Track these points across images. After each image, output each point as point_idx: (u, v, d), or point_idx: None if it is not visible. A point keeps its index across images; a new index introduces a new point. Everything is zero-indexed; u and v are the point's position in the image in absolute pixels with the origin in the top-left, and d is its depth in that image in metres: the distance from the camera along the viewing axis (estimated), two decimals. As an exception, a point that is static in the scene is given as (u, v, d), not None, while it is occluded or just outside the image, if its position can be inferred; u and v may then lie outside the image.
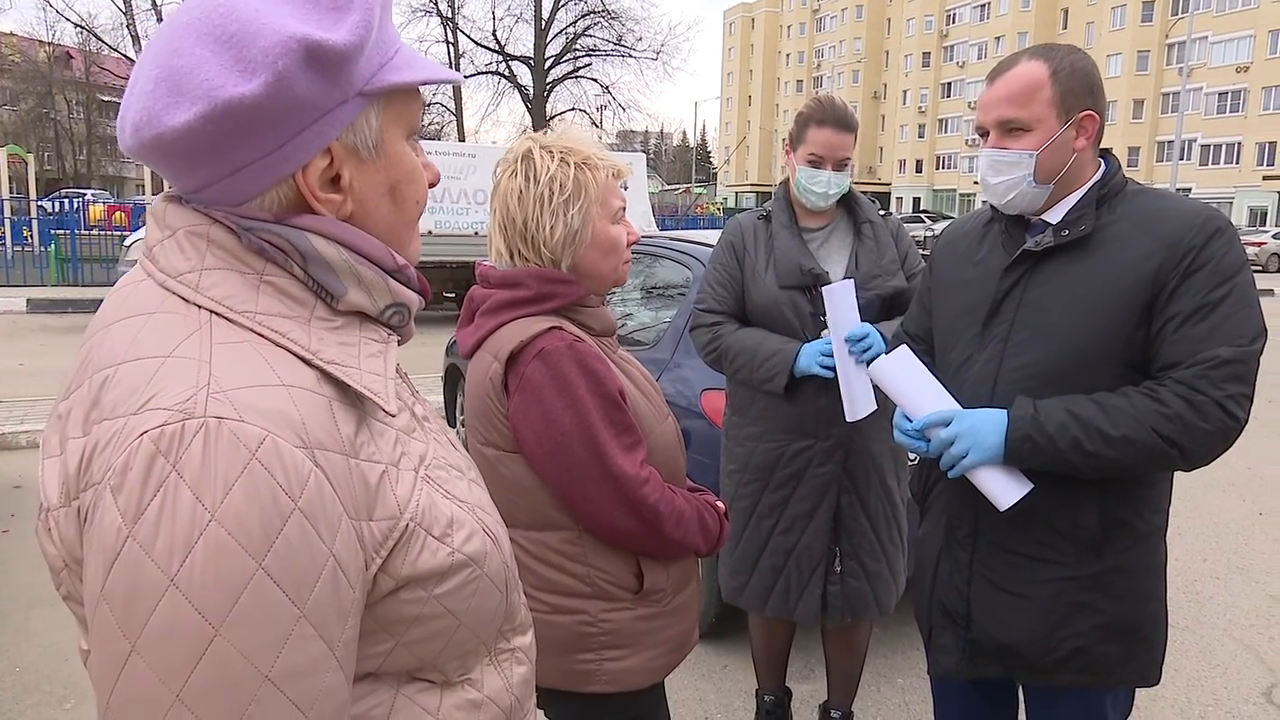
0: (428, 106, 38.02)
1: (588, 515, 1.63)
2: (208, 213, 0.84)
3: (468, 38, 38.11)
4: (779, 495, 2.66)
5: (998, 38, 68.21)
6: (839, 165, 2.60)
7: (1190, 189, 49.76)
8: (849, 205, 2.75)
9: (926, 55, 77.88)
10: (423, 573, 0.85)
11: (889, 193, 78.81)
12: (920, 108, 78.38)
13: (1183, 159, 46.92)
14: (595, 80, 39.00)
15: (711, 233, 4.44)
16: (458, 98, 38.28)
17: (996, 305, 1.84)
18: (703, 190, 57.45)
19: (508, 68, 38.44)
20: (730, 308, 2.72)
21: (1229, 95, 54.69)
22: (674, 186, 57.07)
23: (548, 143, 1.68)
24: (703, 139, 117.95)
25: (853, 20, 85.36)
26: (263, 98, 0.77)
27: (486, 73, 38.42)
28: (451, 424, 6.19)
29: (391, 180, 0.91)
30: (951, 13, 75.96)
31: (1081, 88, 1.76)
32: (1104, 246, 1.75)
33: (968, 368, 1.87)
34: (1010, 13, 68.15)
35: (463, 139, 36.82)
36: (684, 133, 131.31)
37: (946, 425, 1.77)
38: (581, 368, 1.59)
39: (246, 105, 0.77)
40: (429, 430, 0.98)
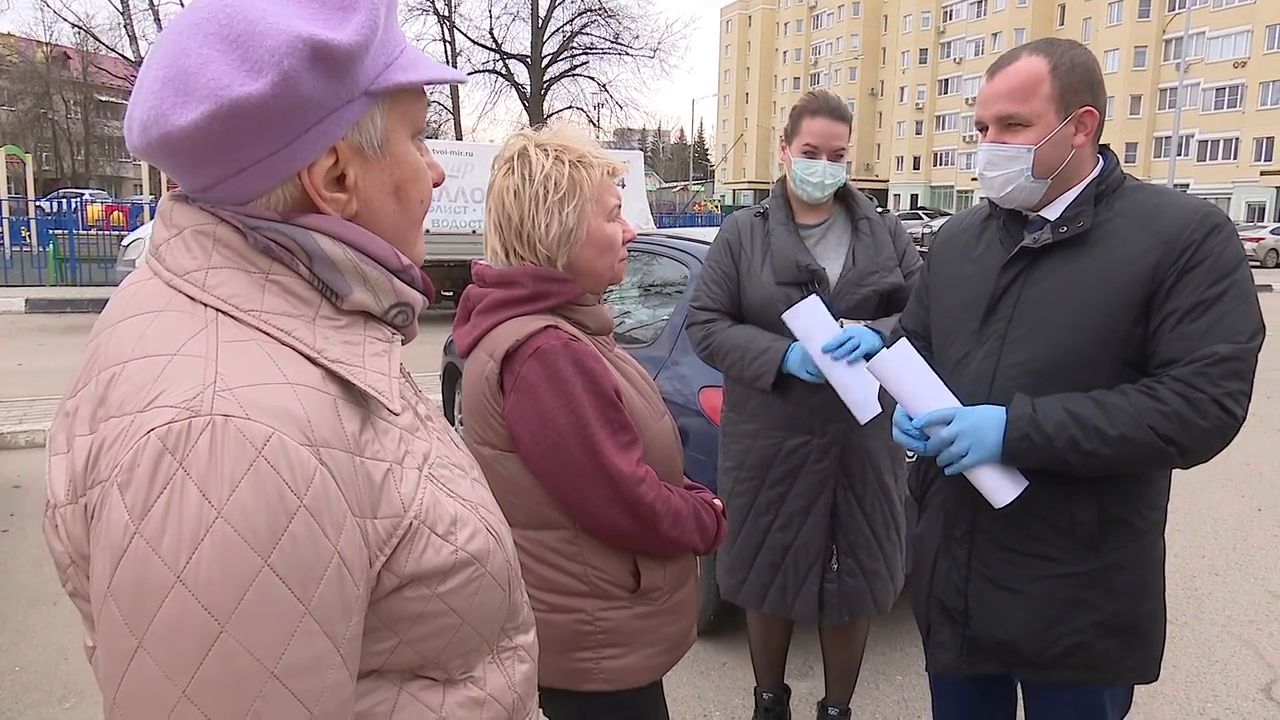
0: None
1: (584, 514, 1.63)
2: (214, 212, 0.85)
3: (465, 36, 38.10)
4: (775, 492, 2.67)
5: (995, 34, 68.22)
6: (834, 155, 2.61)
7: (1188, 185, 49.80)
8: (846, 202, 2.75)
9: (923, 52, 77.86)
10: (426, 571, 0.86)
11: (886, 190, 78.85)
12: (917, 104, 78.37)
13: (1180, 155, 46.96)
14: (592, 78, 38.98)
15: (709, 230, 4.45)
16: (455, 96, 38.23)
17: (994, 302, 1.84)
18: (700, 188, 57.35)
19: (505, 66, 38.41)
20: (724, 305, 2.73)
21: (1226, 91, 54.67)
22: (672, 184, 57.00)
23: (543, 141, 1.68)
24: (700, 136, 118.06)
25: (849, 17, 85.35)
26: (269, 97, 0.77)
27: (483, 71, 38.36)
28: (451, 422, 6.18)
29: (396, 180, 0.92)
30: (948, 9, 75.92)
31: (1082, 83, 1.76)
32: (1102, 243, 1.74)
33: (965, 364, 1.87)
34: (1007, 9, 68.14)
35: (460, 137, 36.81)
36: (681, 130, 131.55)
37: (947, 424, 1.76)
38: (577, 366, 1.59)
39: (253, 104, 0.77)
40: (432, 429, 0.99)
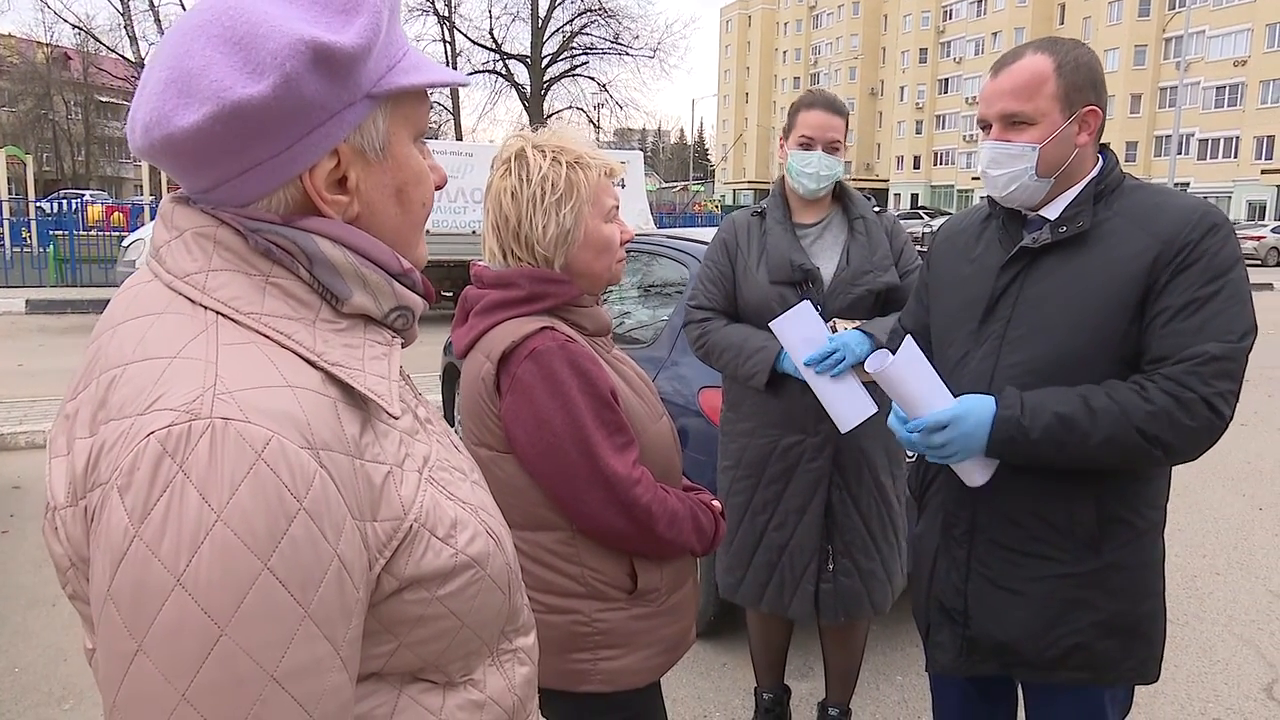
0: (425, 106, 37.95)
1: (580, 516, 1.63)
2: (215, 214, 0.85)
3: (465, 36, 38.10)
4: (771, 491, 2.67)
5: (994, 33, 68.20)
6: (829, 147, 2.61)
7: (1188, 184, 49.79)
8: (843, 201, 2.75)
9: (923, 51, 77.85)
10: (426, 574, 0.86)
11: (886, 189, 78.79)
12: (917, 104, 78.35)
13: (1181, 153, 46.91)
14: (592, 79, 38.99)
15: (709, 230, 4.45)
16: (455, 97, 38.21)
17: (993, 302, 1.84)
18: (700, 188, 57.40)
19: (505, 66, 38.42)
20: (720, 304, 2.74)
21: (1227, 89, 54.65)
22: (672, 184, 57.08)
23: (540, 142, 1.68)
24: (700, 136, 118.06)
25: (849, 17, 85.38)
26: (271, 99, 0.78)
27: (483, 71, 38.38)
28: (450, 423, 6.19)
29: (398, 182, 0.92)
30: (948, 9, 75.92)
31: (1085, 82, 1.75)
32: (1100, 242, 1.74)
33: (965, 364, 1.86)
34: (1007, 8, 68.13)
35: (460, 138, 36.81)
36: (681, 130, 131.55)
37: (943, 428, 1.74)
38: (573, 368, 1.59)
39: (255, 106, 0.77)
40: (432, 432, 0.99)
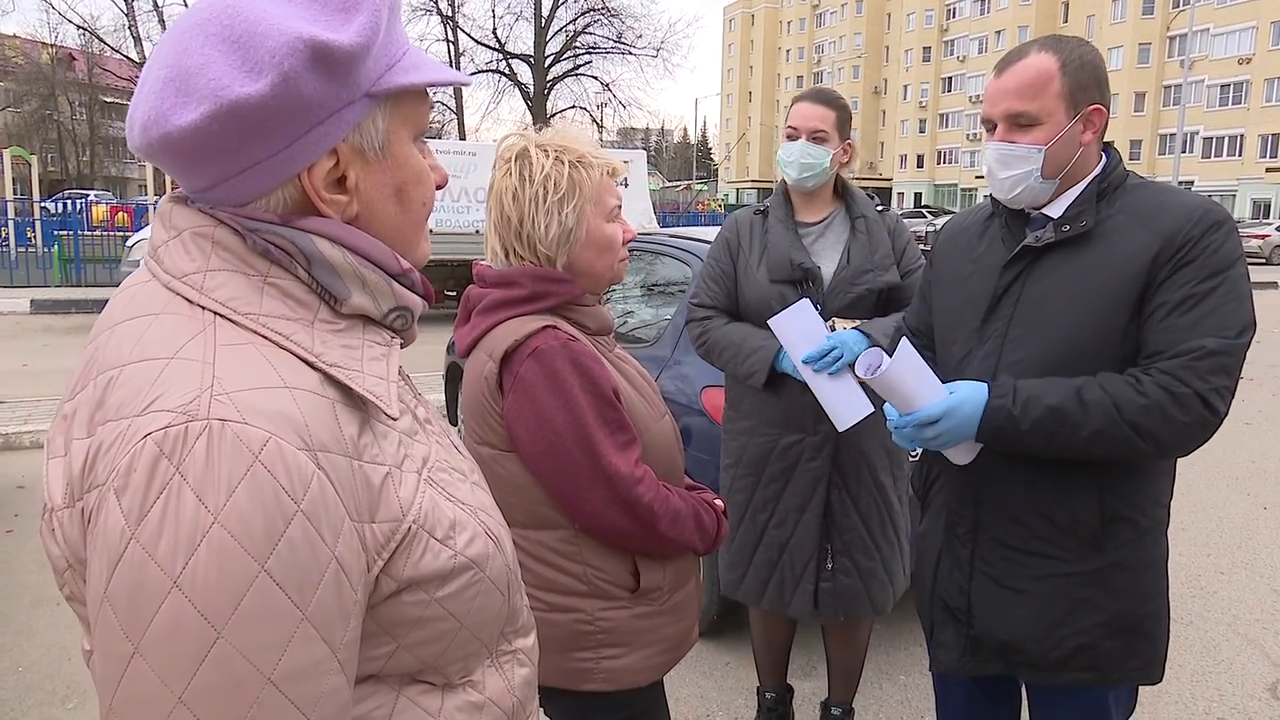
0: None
1: (582, 514, 1.63)
2: (213, 214, 0.84)
3: (468, 36, 38.15)
4: (771, 489, 2.67)
5: (998, 32, 68.11)
6: (813, 137, 2.61)
7: (1193, 182, 49.70)
8: (846, 200, 2.75)
9: (927, 50, 77.77)
10: (425, 575, 0.85)
11: (890, 188, 78.76)
12: (921, 103, 78.27)
13: (1185, 152, 46.91)
14: (595, 78, 39.01)
15: (712, 229, 4.45)
16: (458, 96, 38.24)
17: (996, 300, 1.84)
18: (704, 187, 57.42)
19: (508, 66, 38.45)
20: (722, 303, 2.74)
21: (1231, 87, 54.54)
22: (675, 183, 57.09)
23: (543, 141, 1.68)
24: (703, 135, 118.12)
25: (853, 15, 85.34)
26: (269, 98, 0.77)
27: (487, 71, 38.41)
28: (453, 422, 6.20)
29: (398, 182, 0.91)
30: (951, 7, 75.82)
31: (1090, 80, 1.74)
32: (1103, 241, 1.74)
33: (967, 362, 1.86)
34: (1010, 6, 68.04)
35: (463, 137, 36.84)
36: (685, 129, 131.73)
37: (935, 423, 1.74)
38: (575, 367, 1.59)
39: (252, 105, 0.77)
40: (431, 433, 0.98)
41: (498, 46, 38.04)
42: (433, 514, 0.87)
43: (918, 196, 74.70)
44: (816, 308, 2.50)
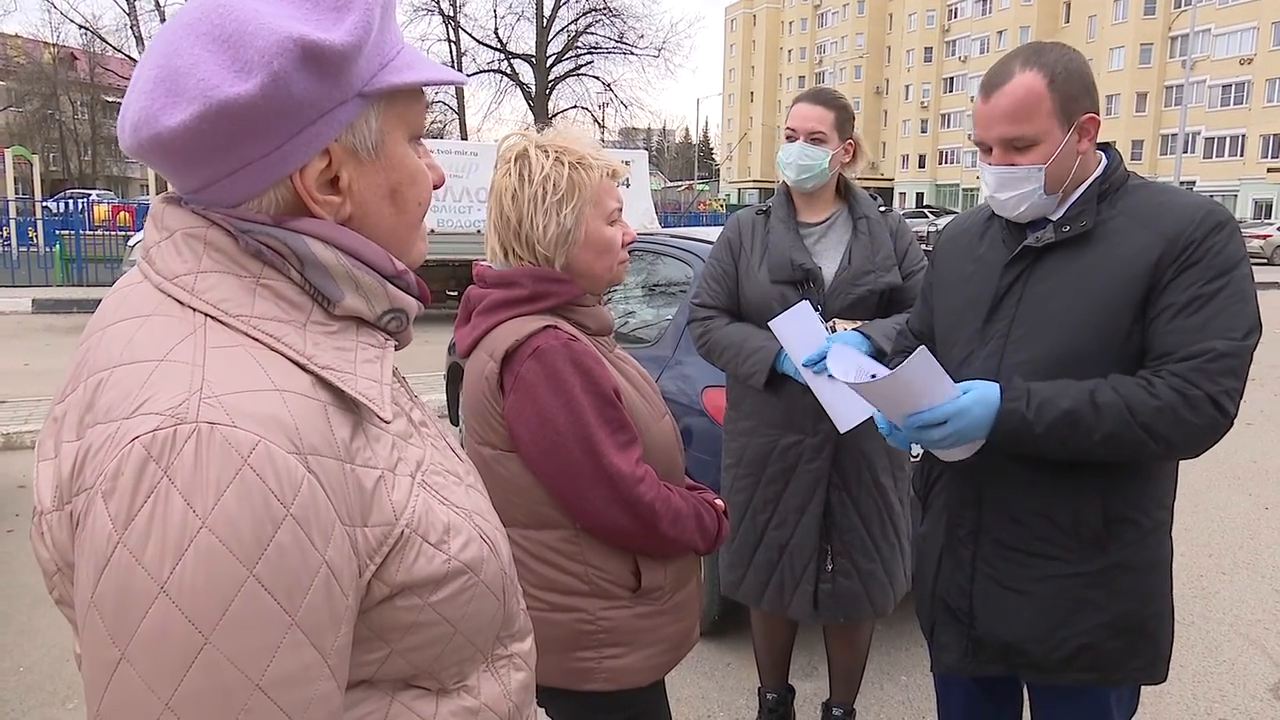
0: (430, 106, 38.03)
1: (583, 514, 1.63)
2: (206, 215, 0.83)
3: (470, 36, 38.28)
4: (771, 490, 2.67)
5: (1000, 32, 68.07)
6: (811, 138, 2.61)
7: (1194, 182, 49.68)
8: (849, 200, 2.74)
9: (928, 50, 77.77)
10: (418, 580, 0.84)
11: (892, 188, 78.74)
12: (923, 103, 78.27)
13: (1187, 152, 46.87)
14: (597, 78, 39.13)
15: (714, 229, 4.44)
16: (460, 96, 38.32)
17: (997, 301, 1.83)
18: (705, 187, 57.40)
19: (510, 66, 38.51)
20: (723, 303, 2.74)
21: (1233, 88, 54.51)
22: (677, 183, 57.11)
23: (543, 142, 1.68)
24: (705, 135, 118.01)
25: (854, 15, 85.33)
26: (259, 98, 0.76)
27: (488, 71, 38.47)
28: (455, 423, 6.20)
29: (392, 182, 0.90)
30: (953, 7, 75.82)
31: (1079, 90, 1.72)
32: (1104, 241, 1.73)
33: (969, 364, 1.86)
34: (1012, 7, 68.00)
35: (465, 137, 36.89)
36: (686, 129, 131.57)
37: (942, 424, 1.70)
38: (576, 366, 1.59)
39: (242, 105, 0.76)
40: (426, 435, 0.97)
41: (499, 46, 38.13)
42: (426, 518, 0.86)
43: (919, 197, 74.68)
44: (817, 308, 2.49)
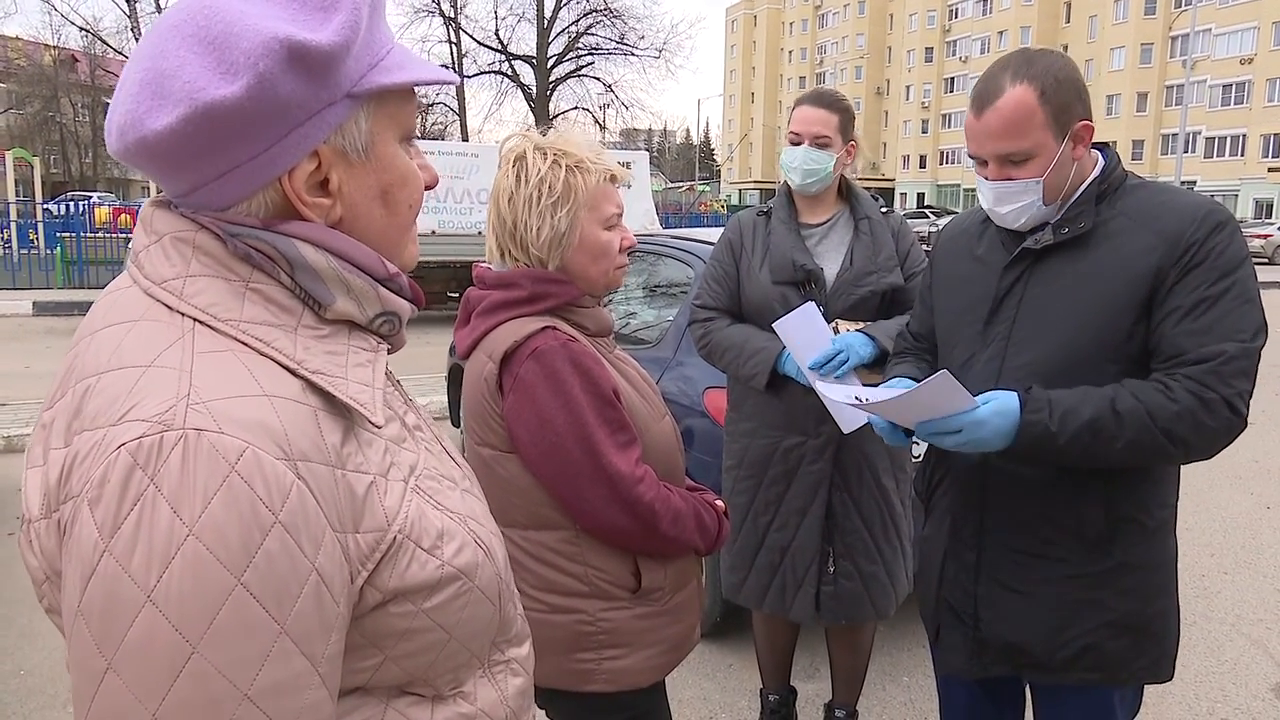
0: (430, 107, 38.17)
1: (583, 514, 1.63)
2: (195, 218, 0.82)
3: (470, 37, 38.30)
4: (773, 492, 2.66)
5: (1000, 32, 68.08)
6: (816, 141, 2.59)
7: (1195, 182, 49.67)
8: (850, 201, 2.74)
9: (929, 50, 77.80)
10: (411, 586, 0.83)
11: (893, 188, 78.76)
12: (923, 103, 78.28)
13: (1187, 152, 46.85)
14: (598, 79, 39.16)
15: (715, 230, 4.44)
16: (461, 97, 38.36)
17: (997, 303, 1.82)
18: (706, 188, 57.41)
19: (510, 67, 38.54)
20: (725, 304, 2.73)
21: (1233, 87, 54.50)
22: (677, 184, 57.14)
23: (543, 144, 1.68)
24: (706, 136, 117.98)
25: (855, 16, 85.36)
26: (244, 100, 0.75)
27: (489, 72, 38.50)
28: (456, 425, 6.19)
29: (383, 184, 0.89)
30: (954, 8, 75.84)
31: (1071, 98, 1.70)
32: (1104, 242, 1.72)
33: (970, 366, 1.85)
34: (1013, 7, 68.00)
35: (466, 139, 36.90)
36: (687, 130, 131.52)
37: (955, 433, 1.66)
38: (575, 367, 1.59)
39: (227, 108, 0.75)
40: (420, 439, 0.96)
41: (500, 48, 38.16)
42: (419, 523, 0.85)
43: (920, 197, 74.71)
44: (819, 310, 2.49)
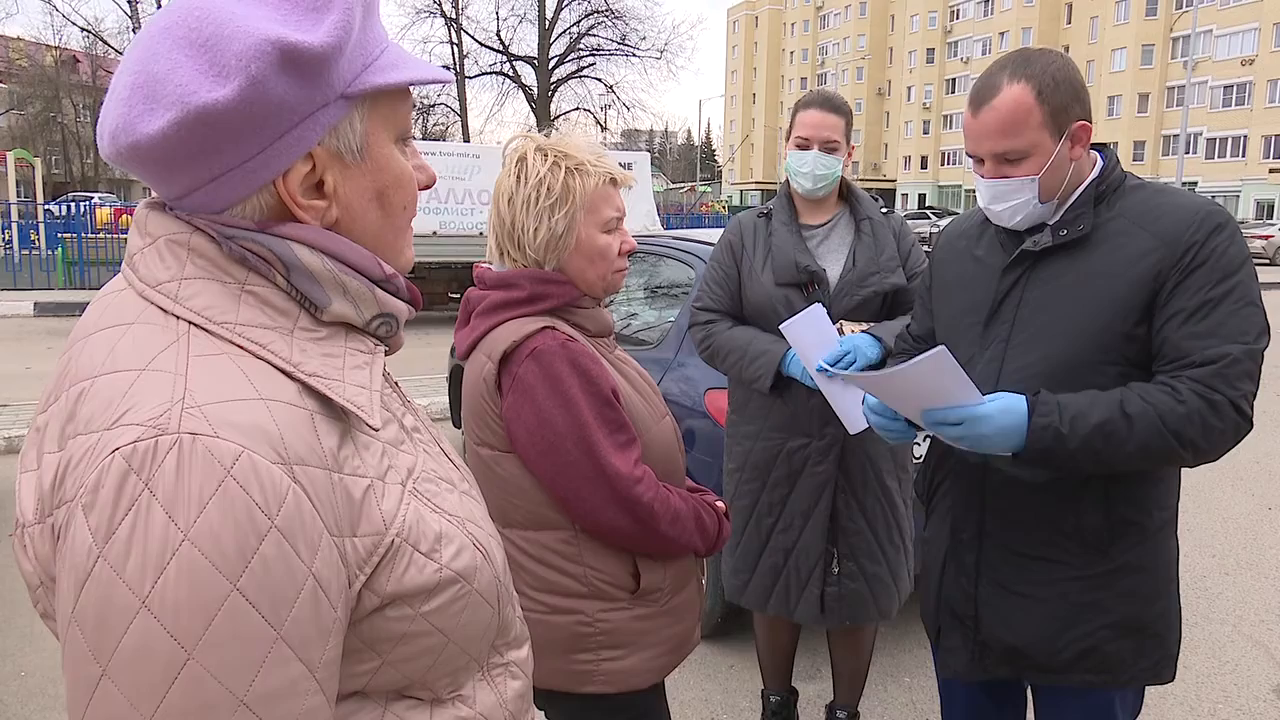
0: (432, 108, 38.18)
1: (582, 514, 1.63)
2: (189, 220, 0.82)
3: (472, 38, 38.27)
4: (777, 494, 2.66)
5: (1002, 33, 68.05)
6: (825, 146, 2.59)
7: (1196, 183, 49.63)
8: (850, 202, 2.74)
9: (930, 51, 77.78)
10: (409, 589, 0.83)
11: (894, 189, 78.75)
12: (925, 104, 78.25)
13: (1188, 153, 46.86)
14: (599, 80, 39.12)
15: (716, 231, 4.44)
16: (462, 98, 38.37)
17: (996, 305, 1.82)
18: (707, 188, 57.42)
19: (512, 68, 38.54)
20: (726, 306, 2.72)
21: (1234, 88, 54.47)
22: (679, 185, 57.09)
23: (545, 145, 1.68)
24: (707, 137, 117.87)
25: (856, 17, 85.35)
26: (237, 102, 0.75)
27: (491, 73, 38.51)
28: (458, 425, 6.19)
29: (379, 185, 0.88)
30: (955, 9, 75.84)
31: (1068, 98, 1.70)
32: (1103, 244, 1.72)
33: (970, 368, 1.83)
34: (1014, 8, 67.98)
35: (467, 139, 36.89)
36: (688, 131, 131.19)
37: (955, 425, 1.67)
38: (574, 367, 1.59)
39: (220, 111, 0.74)
40: (419, 441, 0.96)
41: (501, 48, 38.16)
42: (417, 526, 0.84)
43: (921, 198, 74.72)
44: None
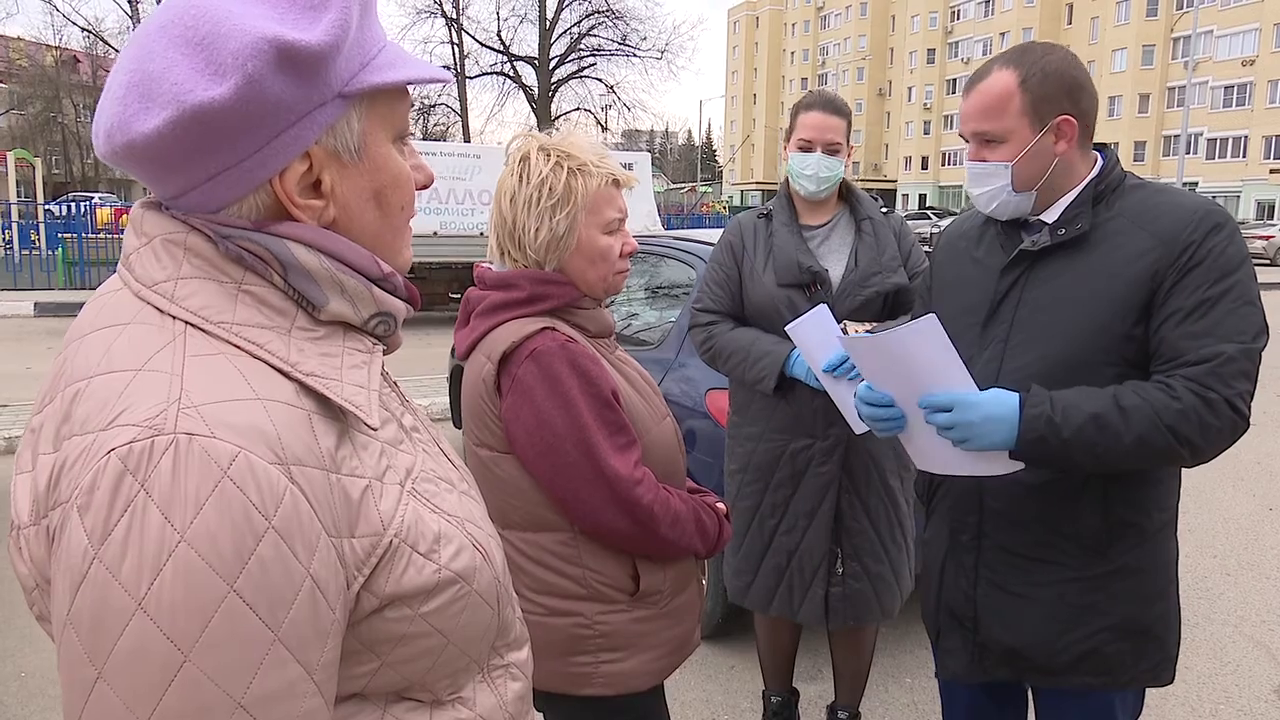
0: (433, 108, 38.19)
1: (581, 516, 1.62)
2: (186, 220, 0.81)
3: (472, 38, 38.30)
4: (780, 495, 2.65)
5: (1002, 34, 68.02)
6: (828, 149, 2.59)
7: (1197, 183, 49.58)
8: (850, 202, 2.73)
9: (931, 52, 77.80)
10: (408, 590, 0.82)
11: (895, 190, 78.76)
12: (925, 104, 78.28)
13: (1189, 153, 46.85)
14: (600, 80, 39.15)
15: (716, 231, 4.44)
16: (463, 98, 38.39)
17: (995, 305, 1.82)
18: (708, 189, 57.45)
19: (512, 68, 38.57)
20: (727, 307, 2.72)
21: (1235, 89, 54.46)
22: (679, 185, 57.11)
23: (549, 145, 1.68)
24: (708, 137, 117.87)
25: (857, 17, 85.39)
26: (233, 101, 0.74)
27: (491, 73, 38.52)
28: (457, 425, 6.19)
29: (376, 185, 0.88)
30: (956, 9, 75.86)
31: (1056, 92, 1.71)
32: (1102, 244, 1.72)
33: (969, 369, 1.84)
34: (1015, 8, 68.00)
35: (468, 140, 36.90)
36: (689, 131, 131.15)
37: (946, 411, 1.66)
38: (573, 368, 1.58)
39: (216, 110, 0.74)
40: (418, 441, 0.95)
41: (502, 49, 38.19)
42: (416, 527, 0.84)
43: (922, 198, 74.71)
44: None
